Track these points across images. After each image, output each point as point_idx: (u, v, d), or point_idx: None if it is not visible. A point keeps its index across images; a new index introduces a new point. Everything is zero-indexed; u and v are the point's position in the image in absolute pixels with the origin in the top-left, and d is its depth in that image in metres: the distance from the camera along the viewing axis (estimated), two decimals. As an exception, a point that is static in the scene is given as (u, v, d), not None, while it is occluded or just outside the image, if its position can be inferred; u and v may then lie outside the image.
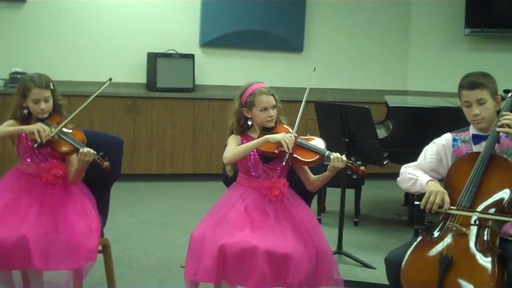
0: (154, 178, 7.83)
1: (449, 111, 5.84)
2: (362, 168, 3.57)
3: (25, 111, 3.88)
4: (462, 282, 2.96)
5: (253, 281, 3.44)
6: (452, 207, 3.19)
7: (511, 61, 8.23)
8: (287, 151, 3.59)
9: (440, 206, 3.20)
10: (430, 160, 3.50)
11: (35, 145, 3.74)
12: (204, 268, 3.47)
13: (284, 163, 3.64)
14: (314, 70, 3.83)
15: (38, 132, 3.69)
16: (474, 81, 3.34)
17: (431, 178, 3.36)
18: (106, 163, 3.70)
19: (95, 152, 3.70)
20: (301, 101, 3.91)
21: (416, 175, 3.41)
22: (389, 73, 9.05)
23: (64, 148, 3.79)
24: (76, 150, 3.74)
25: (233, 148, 3.77)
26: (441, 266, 3.01)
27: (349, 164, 3.59)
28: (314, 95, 8.08)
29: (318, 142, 3.76)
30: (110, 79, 4.06)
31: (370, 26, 8.93)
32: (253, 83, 3.86)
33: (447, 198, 3.21)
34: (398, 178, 3.55)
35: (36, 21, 7.76)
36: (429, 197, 3.23)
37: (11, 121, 3.89)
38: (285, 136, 3.62)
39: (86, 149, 3.69)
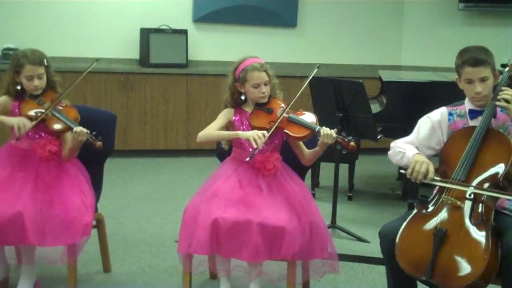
0: (147, 154, 7.83)
1: (443, 85, 5.84)
2: (352, 143, 3.57)
3: (18, 87, 3.85)
4: (456, 255, 2.97)
5: (246, 254, 3.46)
6: (436, 178, 3.20)
7: (505, 36, 8.22)
8: (255, 147, 3.55)
9: (425, 176, 3.21)
10: (423, 135, 3.49)
11: (15, 140, 3.72)
12: (198, 241, 3.49)
13: (249, 159, 3.59)
14: (318, 67, 3.79)
15: (18, 128, 3.67)
16: (478, 58, 3.28)
17: (417, 152, 3.36)
18: (99, 143, 3.68)
19: (88, 132, 3.68)
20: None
21: (404, 148, 3.41)
22: (383, 48, 9.02)
23: (57, 126, 3.77)
24: (69, 129, 3.72)
25: (213, 127, 3.80)
26: (435, 239, 3.02)
27: (339, 140, 3.59)
28: (308, 71, 8.06)
29: (310, 117, 3.76)
30: (97, 60, 4.02)
31: (364, 1, 8.89)
32: (247, 58, 3.85)
33: (431, 168, 3.22)
34: (388, 152, 3.54)
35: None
36: (414, 166, 3.23)
37: (4, 97, 3.87)
38: (256, 134, 3.58)
39: (79, 129, 3.67)
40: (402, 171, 3.37)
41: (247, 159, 3.58)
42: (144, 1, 8.07)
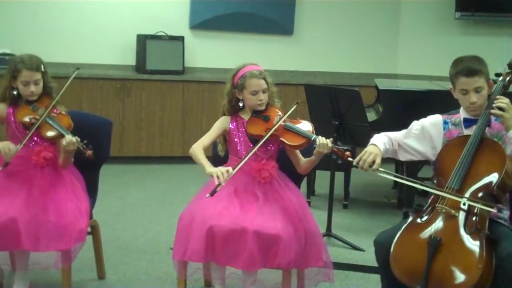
0: (143, 161, 7.82)
1: (438, 94, 5.84)
2: (347, 153, 3.57)
3: (15, 92, 3.85)
4: (451, 264, 2.98)
5: (241, 262, 3.46)
6: (381, 169, 3.35)
7: (501, 45, 8.25)
8: (217, 183, 3.49)
9: (370, 166, 3.33)
10: (411, 132, 3.52)
11: (3, 167, 3.70)
12: (193, 248, 3.48)
13: (208, 195, 3.48)
14: (297, 103, 3.79)
15: (5, 153, 3.66)
16: (472, 68, 3.29)
17: (374, 143, 3.43)
18: (89, 152, 3.67)
19: (79, 140, 3.67)
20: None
21: (373, 140, 3.48)
22: (379, 56, 9.03)
23: (50, 134, 3.77)
24: (62, 136, 3.71)
25: (208, 138, 3.84)
26: (429, 248, 3.02)
27: (335, 150, 3.59)
28: (304, 78, 8.09)
29: (306, 126, 3.76)
30: (78, 68, 4.00)
31: (360, 10, 8.91)
32: (246, 65, 3.85)
33: (378, 160, 3.35)
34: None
35: (25, 2, 7.68)
36: (362, 155, 3.35)
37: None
38: (219, 170, 3.54)
39: (69, 138, 3.66)
40: (350, 159, 3.46)
41: (207, 195, 3.50)
42: (141, 7, 8.08)
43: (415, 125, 3.54)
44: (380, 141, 3.46)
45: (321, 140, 3.60)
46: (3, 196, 3.66)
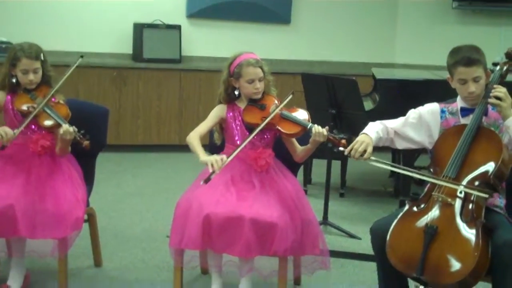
0: (139, 149, 7.81)
1: (436, 83, 5.84)
2: (343, 141, 3.59)
3: (14, 80, 3.85)
4: (447, 252, 2.98)
5: (238, 250, 3.46)
6: (372, 158, 3.35)
7: (498, 35, 8.25)
8: (211, 171, 3.49)
9: (362, 155, 3.33)
10: (408, 121, 3.51)
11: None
12: (189, 236, 3.49)
13: (203, 182, 3.50)
14: (293, 93, 3.80)
15: (1, 136, 3.65)
16: (471, 58, 3.29)
17: (367, 132, 3.44)
18: (86, 142, 3.67)
19: (76, 130, 3.67)
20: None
21: (368, 126, 3.49)
22: (377, 45, 9.02)
23: (47, 123, 3.76)
24: (59, 126, 3.71)
25: (204, 126, 3.83)
26: (426, 236, 3.03)
27: (331, 138, 3.60)
28: (302, 67, 8.08)
29: (302, 114, 3.77)
30: (82, 56, 3.99)
31: (358, -1, 8.91)
32: (243, 53, 3.84)
33: (370, 149, 3.35)
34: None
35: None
36: (354, 145, 3.36)
37: (-2, 92, 3.88)
38: (214, 158, 3.54)
39: (65, 127, 3.65)
40: (341, 148, 3.49)
41: (201, 183, 3.51)
42: (138, -4, 8.07)
43: (412, 113, 3.54)
44: (373, 130, 3.46)
45: (317, 128, 3.61)
46: (0, 183, 3.66)
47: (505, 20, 8.54)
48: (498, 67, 3.44)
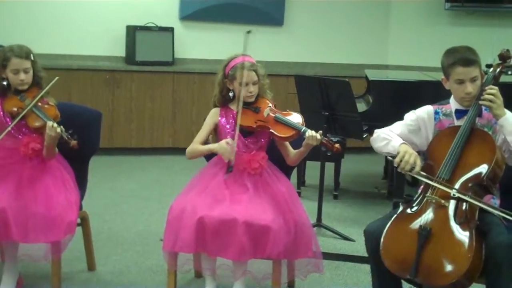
0: (133, 152, 7.80)
1: (429, 85, 5.85)
2: (337, 145, 3.59)
3: (5, 82, 3.83)
4: (440, 254, 2.98)
5: (232, 253, 3.46)
6: (422, 172, 3.21)
7: (491, 36, 8.24)
8: (226, 161, 3.62)
9: (412, 169, 3.21)
10: (409, 127, 3.49)
11: None
12: (183, 239, 3.48)
13: (227, 173, 3.65)
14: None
15: None
16: (469, 58, 3.29)
17: (404, 142, 3.35)
18: (73, 142, 3.64)
19: (64, 130, 3.65)
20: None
21: (391, 136, 3.40)
22: (370, 47, 9.03)
23: (36, 123, 3.75)
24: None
25: (200, 136, 3.83)
26: (419, 238, 3.03)
27: (324, 142, 3.60)
28: (294, 69, 8.08)
29: (296, 117, 3.77)
30: (57, 78, 3.94)
31: (351, 0, 8.89)
32: (238, 56, 3.85)
33: (419, 162, 3.23)
34: (371, 137, 3.54)
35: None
36: (403, 156, 3.23)
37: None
38: (222, 147, 3.65)
39: (50, 123, 3.64)
40: (390, 158, 3.36)
41: (225, 176, 3.67)
42: (130, -2, 8.06)
43: (409, 116, 3.51)
44: (400, 139, 3.38)
45: (310, 132, 3.61)
46: (-8, 187, 3.65)
47: (498, 21, 8.55)
48: (491, 69, 3.44)
